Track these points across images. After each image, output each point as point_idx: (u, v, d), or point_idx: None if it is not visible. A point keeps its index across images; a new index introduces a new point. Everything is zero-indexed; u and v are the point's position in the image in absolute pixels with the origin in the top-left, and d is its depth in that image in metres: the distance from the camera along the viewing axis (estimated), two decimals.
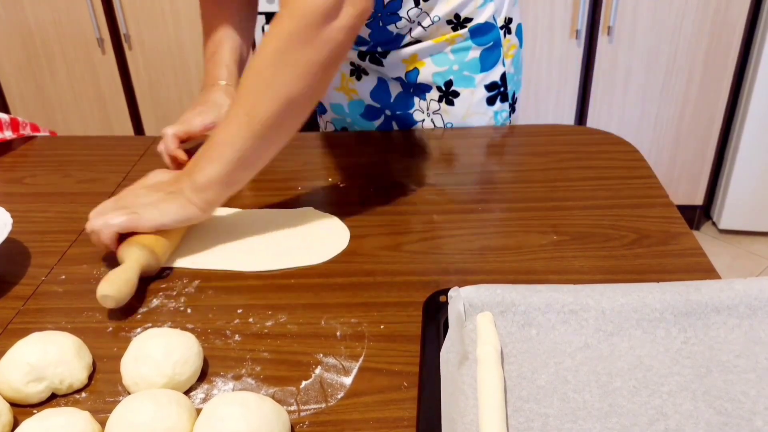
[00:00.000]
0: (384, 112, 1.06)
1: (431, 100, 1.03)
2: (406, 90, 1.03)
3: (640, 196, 0.82)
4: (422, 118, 1.04)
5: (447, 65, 1.00)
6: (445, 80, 1.01)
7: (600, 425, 0.50)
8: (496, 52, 1.00)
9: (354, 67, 1.05)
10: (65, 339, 0.58)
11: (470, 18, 0.97)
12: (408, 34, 0.97)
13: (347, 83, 1.07)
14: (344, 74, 1.07)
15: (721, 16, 1.94)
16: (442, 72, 1.00)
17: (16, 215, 0.76)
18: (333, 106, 1.12)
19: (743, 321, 0.58)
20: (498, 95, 1.03)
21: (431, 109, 1.04)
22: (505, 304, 0.60)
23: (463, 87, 1.01)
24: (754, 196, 2.17)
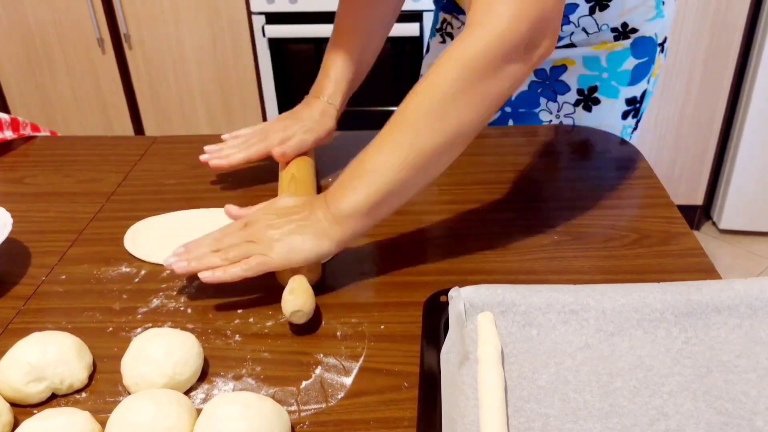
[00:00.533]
0: (503, 109, 1.03)
1: (565, 102, 0.99)
2: (532, 89, 1.00)
3: (640, 196, 0.82)
4: (549, 119, 1.01)
5: (598, 71, 0.96)
6: (590, 85, 0.97)
7: (601, 425, 0.50)
8: (648, 69, 0.98)
9: None
10: (65, 339, 0.58)
11: (636, 29, 0.94)
12: (568, 37, 0.94)
13: None
14: None
15: (721, 16, 1.94)
16: (590, 76, 0.97)
17: (16, 215, 0.76)
18: None
19: (744, 321, 0.58)
20: (633, 111, 1.01)
21: (563, 111, 1.00)
22: (506, 304, 0.60)
23: (606, 96, 0.98)
24: (754, 196, 2.17)
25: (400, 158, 0.64)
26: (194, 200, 0.86)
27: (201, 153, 0.98)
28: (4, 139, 1.02)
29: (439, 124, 0.64)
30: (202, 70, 2.20)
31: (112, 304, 0.68)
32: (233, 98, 2.25)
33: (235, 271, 0.64)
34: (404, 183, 0.65)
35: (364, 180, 0.66)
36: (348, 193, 0.66)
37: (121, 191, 0.89)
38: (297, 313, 0.61)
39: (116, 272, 0.73)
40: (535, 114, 1.02)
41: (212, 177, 0.92)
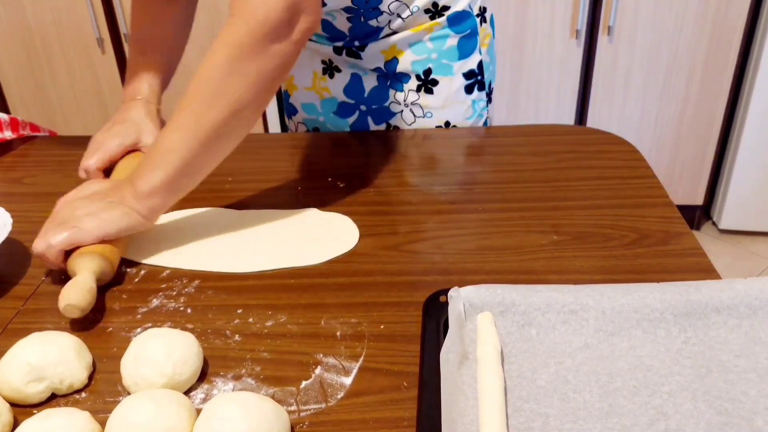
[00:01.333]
0: (359, 108, 1.06)
1: (409, 90, 1.02)
2: (381, 83, 1.03)
3: (640, 196, 0.82)
4: (399, 109, 1.04)
5: (425, 53, 1.00)
6: (424, 68, 1.01)
7: (600, 425, 0.50)
8: (473, 40, 1.01)
9: (326, 65, 1.05)
10: (65, 339, 0.58)
11: (447, 6, 0.98)
12: (387, 26, 0.97)
13: (319, 82, 1.06)
14: (316, 73, 1.06)
15: (721, 16, 1.94)
16: (421, 60, 1.00)
17: (16, 215, 0.76)
18: (304, 106, 1.11)
19: (743, 321, 0.58)
20: (476, 83, 1.04)
21: (409, 100, 1.03)
22: (506, 304, 0.60)
23: (441, 75, 1.01)
24: (754, 196, 2.17)
25: (189, 136, 0.71)
26: (194, 200, 0.86)
27: None
28: (4, 139, 1.02)
29: (218, 102, 0.70)
30: None
31: (111, 304, 0.68)
32: None
33: (52, 252, 0.68)
34: (197, 158, 0.72)
35: (161, 158, 0.72)
36: (148, 171, 0.72)
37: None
38: (70, 307, 0.63)
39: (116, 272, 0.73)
40: (387, 107, 1.05)
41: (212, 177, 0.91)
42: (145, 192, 0.72)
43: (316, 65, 1.06)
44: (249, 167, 0.93)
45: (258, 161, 0.95)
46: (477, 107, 1.06)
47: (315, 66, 1.06)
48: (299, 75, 1.09)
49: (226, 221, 0.81)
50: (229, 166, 0.93)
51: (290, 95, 1.13)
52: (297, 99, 1.12)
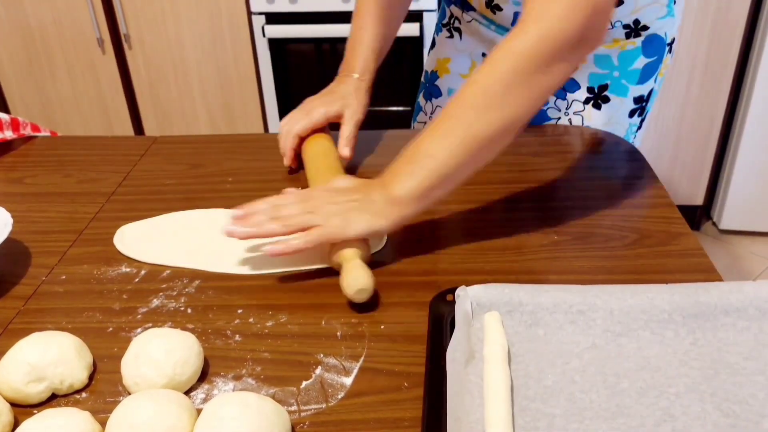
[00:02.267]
0: None
1: (574, 100, 0.99)
2: None
3: (640, 196, 0.82)
4: (557, 116, 1.01)
5: (608, 69, 0.96)
6: (600, 83, 0.97)
7: (607, 426, 0.50)
8: (656, 68, 0.98)
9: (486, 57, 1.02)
10: (65, 339, 0.58)
11: (647, 26, 0.94)
12: None
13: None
14: (475, 63, 1.04)
15: (721, 16, 1.94)
16: (601, 74, 0.97)
17: (16, 215, 0.76)
18: (452, 91, 1.07)
19: (752, 323, 0.58)
20: (639, 109, 1.01)
21: (572, 109, 1.00)
22: (513, 304, 0.60)
23: (615, 95, 0.98)
24: (754, 196, 2.17)
25: (455, 145, 0.68)
26: (194, 200, 0.86)
27: (201, 153, 0.98)
28: (4, 139, 1.02)
29: (492, 114, 0.68)
30: (202, 70, 2.20)
31: (112, 304, 0.68)
32: (233, 98, 2.25)
33: (296, 243, 0.67)
34: (457, 168, 0.69)
35: (420, 165, 0.69)
36: (404, 177, 0.70)
37: (121, 191, 0.89)
38: (362, 291, 0.64)
39: (116, 272, 0.73)
40: (543, 111, 1.02)
41: (212, 177, 0.92)
42: (399, 198, 0.69)
43: (477, 55, 1.03)
44: (249, 167, 0.93)
45: (258, 161, 0.95)
46: (630, 132, 1.02)
47: (476, 56, 1.03)
48: (457, 60, 1.06)
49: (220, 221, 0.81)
50: (229, 166, 0.93)
51: (439, 77, 1.09)
52: (446, 83, 1.09)
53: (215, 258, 0.74)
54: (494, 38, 1.01)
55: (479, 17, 1.01)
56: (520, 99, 0.68)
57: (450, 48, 1.07)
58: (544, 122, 1.03)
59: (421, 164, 0.69)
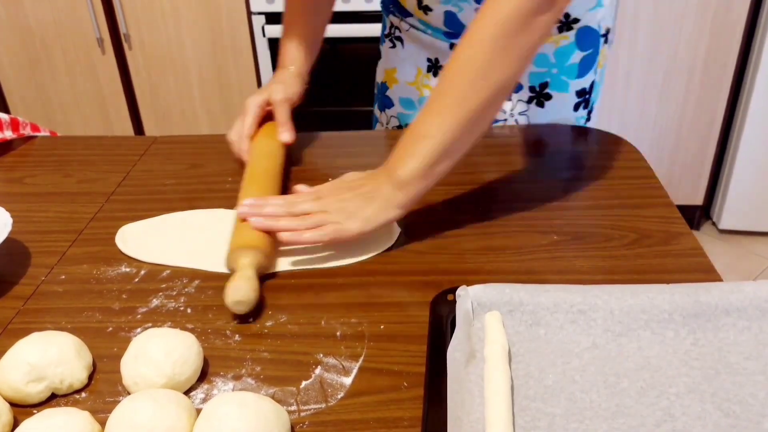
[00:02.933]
0: None
1: (519, 100, 1.00)
2: None
3: (640, 196, 0.82)
4: (504, 118, 1.02)
5: (546, 67, 0.97)
6: (541, 81, 0.99)
7: (607, 425, 0.50)
8: (594, 60, 0.99)
9: (431, 64, 1.03)
10: (65, 339, 0.58)
11: (578, 19, 0.95)
12: None
13: (422, 79, 1.04)
14: (420, 70, 1.05)
15: (721, 16, 1.94)
16: (540, 73, 0.98)
17: (16, 215, 0.76)
18: (402, 100, 1.09)
19: (753, 323, 0.58)
20: (583, 102, 1.02)
21: (517, 110, 1.01)
22: (513, 304, 0.60)
23: (557, 91, 0.99)
24: (754, 196, 2.17)
25: (448, 121, 0.70)
26: (194, 200, 0.86)
27: (201, 153, 0.98)
28: (4, 139, 1.02)
29: (481, 84, 0.69)
30: (202, 70, 2.20)
31: (111, 304, 0.68)
32: (233, 98, 2.25)
33: (311, 236, 0.70)
34: (456, 142, 0.71)
35: (419, 146, 0.71)
36: (406, 160, 0.71)
37: (121, 191, 0.89)
38: (238, 303, 0.63)
39: (116, 272, 0.73)
40: None
41: (212, 177, 0.92)
42: (405, 180, 0.71)
43: (421, 62, 1.04)
44: None
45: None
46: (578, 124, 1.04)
47: (420, 62, 1.04)
48: (402, 69, 1.07)
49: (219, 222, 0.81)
50: (229, 167, 0.93)
51: (389, 87, 1.11)
52: (395, 93, 1.10)
53: (217, 258, 0.74)
54: (433, 42, 1.01)
55: (416, 22, 1.01)
56: (506, 65, 0.69)
57: (394, 58, 1.08)
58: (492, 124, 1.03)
59: (420, 145, 0.71)
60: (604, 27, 0.99)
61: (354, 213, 0.71)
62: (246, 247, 0.69)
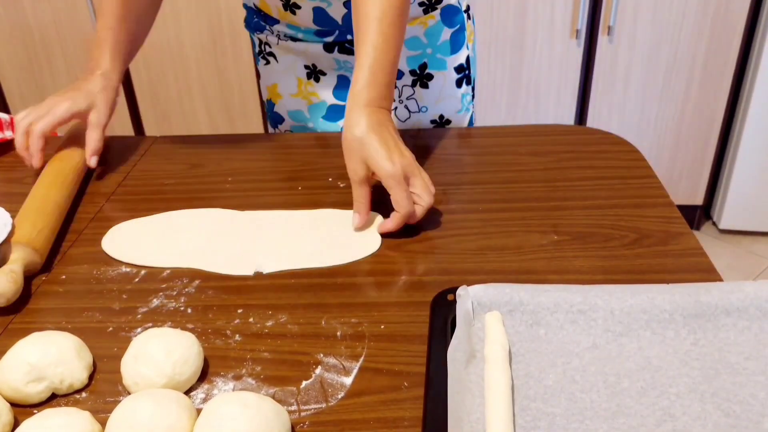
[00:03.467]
0: None
1: (404, 86, 1.04)
2: None
3: (640, 195, 0.82)
4: (393, 106, 1.03)
5: (420, 49, 1.01)
6: (419, 63, 1.02)
7: (607, 425, 0.50)
8: (462, 35, 1.04)
9: (310, 70, 1.04)
10: (65, 339, 0.58)
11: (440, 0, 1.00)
12: None
13: (305, 87, 1.06)
14: (300, 79, 1.06)
15: (721, 16, 1.94)
16: (416, 56, 1.02)
17: (16, 215, 0.76)
18: (291, 113, 1.10)
19: (753, 323, 0.58)
20: (464, 78, 1.06)
21: (404, 95, 1.04)
22: (514, 304, 0.60)
23: (436, 70, 1.03)
24: (754, 196, 2.17)
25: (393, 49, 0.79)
26: (194, 200, 0.86)
27: (201, 153, 0.98)
28: (4, 139, 1.02)
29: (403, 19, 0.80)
30: (202, 70, 2.20)
31: (111, 304, 0.68)
32: (233, 98, 2.25)
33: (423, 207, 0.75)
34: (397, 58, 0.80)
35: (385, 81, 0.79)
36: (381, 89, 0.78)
37: (121, 191, 0.89)
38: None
39: (116, 272, 0.73)
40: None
41: (212, 177, 0.92)
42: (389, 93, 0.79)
43: (299, 71, 1.05)
44: (249, 167, 0.93)
45: (258, 161, 0.95)
46: (465, 101, 1.08)
47: (299, 72, 1.05)
48: (283, 83, 1.08)
49: (213, 221, 0.81)
50: (229, 166, 0.93)
51: (275, 104, 1.12)
52: (283, 107, 1.11)
53: (209, 257, 0.74)
54: (306, 47, 1.01)
55: (285, 28, 1.01)
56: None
57: (272, 74, 1.09)
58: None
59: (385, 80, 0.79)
60: (464, 3, 1.04)
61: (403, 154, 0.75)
62: (17, 242, 0.71)
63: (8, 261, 0.69)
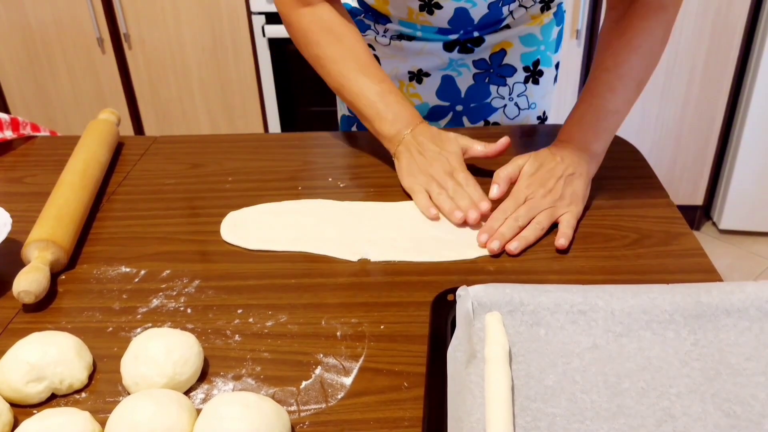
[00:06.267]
0: (453, 109, 1.05)
1: (515, 83, 1.03)
2: (479, 81, 1.02)
3: (640, 196, 0.82)
4: (503, 104, 1.04)
5: (535, 45, 1.01)
6: (533, 60, 1.02)
7: (607, 426, 0.50)
8: (563, 33, 1.06)
9: (412, 73, 1.02)
10: (65, 339, 0.58)
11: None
12: (510, 16, 0.97)
13: (407, 90, 1.04)
14: (402, 82, 1.03)
15: (721, 16, 1.94)
16: (530, 52, 1.01)
17: (16, 215, 0.76)
18: None
19: (754, 324, 0.58)
20: (556, 74, 1.08)
21: (515, 92, 1.04)
22: (514, 304, 0.60)
23: (546, 66, 1.04)
24: (754, 196, 2.17)
25: (632, 98, 0.82)
26: (194, 200, 0.86)
27: (201, 153, 0.98)
28: (4, 139, 1.02)
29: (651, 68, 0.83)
30: (202, 70, 2.20)
31: (111, 304, 0.68)
32: (233, 98, 2.25)
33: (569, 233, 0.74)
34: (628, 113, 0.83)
35: (610, 121, 0.82)
36: (600, 134, 0.81)
37: (121, 191, 0.89)
38: (26, 293, 0.66)
39: (116, 272, 0.73)
40: (488, 104, 1.05)
41: (212, 177, 0.92)
42: (600, 153, 0.81)
43: (402, 75, 1.02)
44: (249, 167, 0.93)
45: (258, 161, 0.95)
46: (551, 96, 1.09)
47: (401, 76, 1.03)
48: None
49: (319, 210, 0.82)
50: (229, 166, 0.93)
51: None
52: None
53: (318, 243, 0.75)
54: (421, 48, 0.99)
55: (399, 28, 0.99)
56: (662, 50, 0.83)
57: None
58: (490, 114, 1.05)
59: (611, 120, 0.81)
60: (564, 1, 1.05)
61: (572, 196, 0.77)
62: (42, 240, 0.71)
63: (34, 258, 0.70)
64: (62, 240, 0.72)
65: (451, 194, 0.78)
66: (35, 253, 0.71)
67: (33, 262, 0.69)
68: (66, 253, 0.72)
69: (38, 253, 0.71)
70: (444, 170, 0.80)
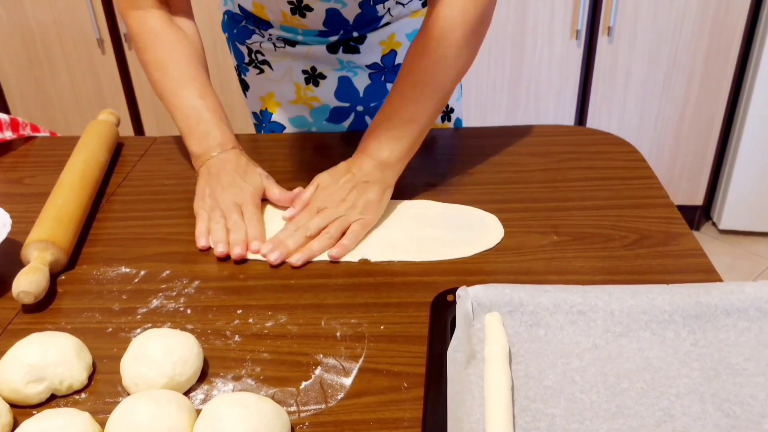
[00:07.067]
0: (354, 110, 1.05)
1: None
2: (375, 80, 1.02)
3: (640, 196, 0.82)
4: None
5: None
6: None
7: (607, 426, 0.50)
8: None
9: (308, 75, 1.02)
10: (65, 339, 0.58)
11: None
12: (388, 13, 0.97)
13: (304, 93, 1.04)
14: (298, 85, 1.03)
15: (721, 16, 1.94)
16: None
17: (16, 215, 0.76)
18: (293, 120, 1.07)
19: (753, 324, 0.58)
20: None
21: None
22: (514, 304, 0.60)
23: None
24: (754, 196, 2.17)
25: (431, 104, 0.80)
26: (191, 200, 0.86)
27: None
28: (4, 139, 1.02)
29: (455, 70, 0.80)
30: None
31: (111, 305, 0.68)
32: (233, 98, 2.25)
33: (348, 244, 0.74)
34: (430, 123, 0.82)
35: (404, 129, 0.80)
36: (391, 142, 0.80)
37: (121, 191, 0.89)
38: (25, 294, 0.66)
39: (116, 273, 0.73)
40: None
41: None
42: (388, 162, 0.80)
43: (296, 77, 1.03)
44: None
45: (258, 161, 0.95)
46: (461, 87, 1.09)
47: (296, 78, 1.03)
48: (280, 91, 1.05)
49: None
50: None
51: (272, 113, 1.07)
52: (282, 115, 1.07)
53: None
54: (307, 51, 1.00)
55: (281, 33, 0.99)
56: (470, 54, 0.80)
57: (266, 83, 1.06)
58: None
59: (405, 129, 0.80)
60: None
61: (365, 204, 0.76)
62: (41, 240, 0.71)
63: (33, 259, 0.70)
64: (62, 241, 0.72)
65: (229, 225, 0.76)
66: (35, 253, 0.71)
67: (32, 263, 0.69)
68: (65, 254, 0.72)
69: (38, 253, 0.70)
70: (233, 201, 0.78)
